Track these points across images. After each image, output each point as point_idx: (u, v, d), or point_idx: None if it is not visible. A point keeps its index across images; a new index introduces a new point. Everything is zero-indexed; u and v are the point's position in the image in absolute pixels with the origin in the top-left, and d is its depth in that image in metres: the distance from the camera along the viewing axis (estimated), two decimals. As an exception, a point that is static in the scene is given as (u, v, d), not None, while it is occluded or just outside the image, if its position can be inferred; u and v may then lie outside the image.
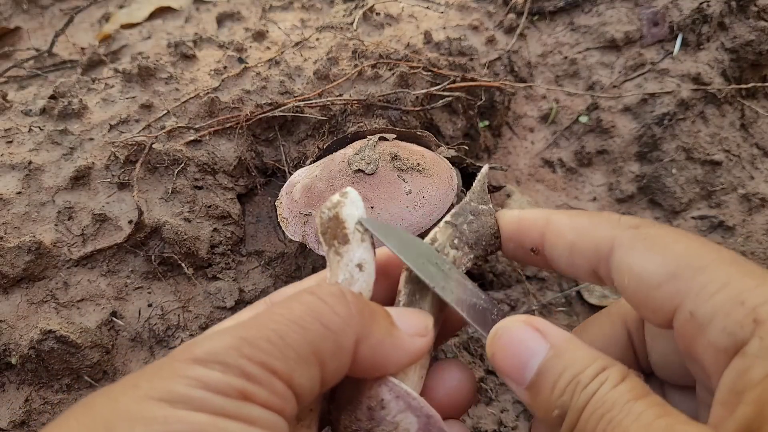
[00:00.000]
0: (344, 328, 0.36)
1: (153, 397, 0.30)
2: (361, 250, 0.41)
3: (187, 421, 0.29)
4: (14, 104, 1.23)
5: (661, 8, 1.45)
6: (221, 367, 0.31)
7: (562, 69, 1.50)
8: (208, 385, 0.31)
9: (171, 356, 0.33)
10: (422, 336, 0.41)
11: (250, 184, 1.16)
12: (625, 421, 0.33)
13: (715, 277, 0.33)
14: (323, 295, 0.37)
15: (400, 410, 0.38)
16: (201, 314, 0.99)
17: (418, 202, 0.80)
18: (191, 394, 0.30)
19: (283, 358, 0.33)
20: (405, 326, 0.40)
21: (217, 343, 0.33)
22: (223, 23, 1.55)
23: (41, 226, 1.00)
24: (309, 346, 0.34)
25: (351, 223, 0.41)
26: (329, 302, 0.36)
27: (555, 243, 0.44)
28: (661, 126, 1.34)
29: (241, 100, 1.17)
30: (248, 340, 0.33)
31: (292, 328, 0.34)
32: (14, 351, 0.89)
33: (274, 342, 0.33)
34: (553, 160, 1.42)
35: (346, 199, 0.41)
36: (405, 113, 1.16)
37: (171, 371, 0.32)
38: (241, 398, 0.31)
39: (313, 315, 0.35)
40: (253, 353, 0.32)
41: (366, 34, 1.41)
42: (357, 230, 0.41)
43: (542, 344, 0.38)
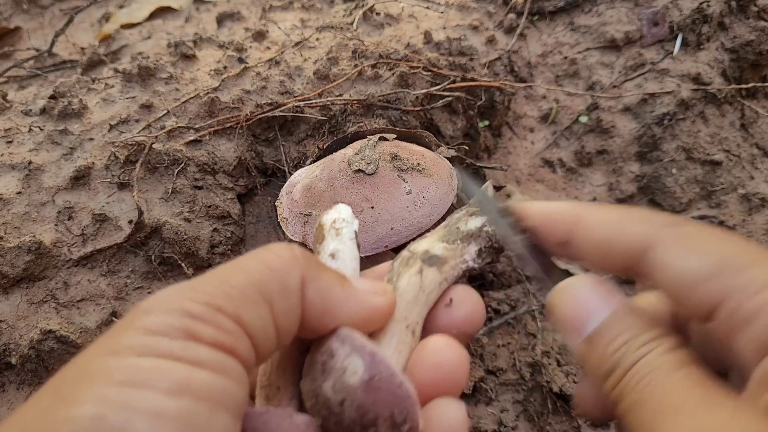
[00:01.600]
0: (288, 268, 0.37)
1: (100, 353, 0.30)
2: (334, 242, 0.44)
3: (131, 367, 0.29)
4: (14, 104, 1.23)
5: (661, 8, 1.45)
6: (165, 310, 0.32)
7: (562, 69, 1.50)
8: (151, 329, 0.31)
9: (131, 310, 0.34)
10: (380, 294, 0.41)
11: (250, 184, 1.16)
12: (667, 381, 0.35)
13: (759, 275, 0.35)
14: (273, 245, 0.38)
15: (346, 354, 0.38)
16: (201, 314, 0.99)
17: (418, 202, 0.80)
18: (135, 342, 0.30)
19: (227, 297, 0.33)
20: (359, 284, 0.41)
21: (163, 293, 0.33)
22: (223, 23, 1.55)
23: (41, 226, 1.00)
24: (253, 285, 0.35)
25: (328, 224, 0.45)
26: (274, 249, 0.38)
27: (586, 239, 0.44)
28: (661, 126, 1.34)
29: (241, 100, 1.17)
30: (192, 286, 0.34)
31: (236, 270, 0.35)
32: (14, 351, 0.89)
33: (218, 284, 0.34)
34: (553, 160, 1.42)
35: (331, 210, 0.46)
36: (405, 113, 1.16)
37: (120, 327, 0.32)
38: (186, 338, 0.31)
39: (258, 259, 0.36)
40: (196, 295, 0.33)
41: (366, 34, 1.41)
42: (332, 228, 0.45)
43: (606, 306, 0.40)
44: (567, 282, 0.43)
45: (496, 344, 1.08)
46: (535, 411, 1.01)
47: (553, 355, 1.06)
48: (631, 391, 0.36)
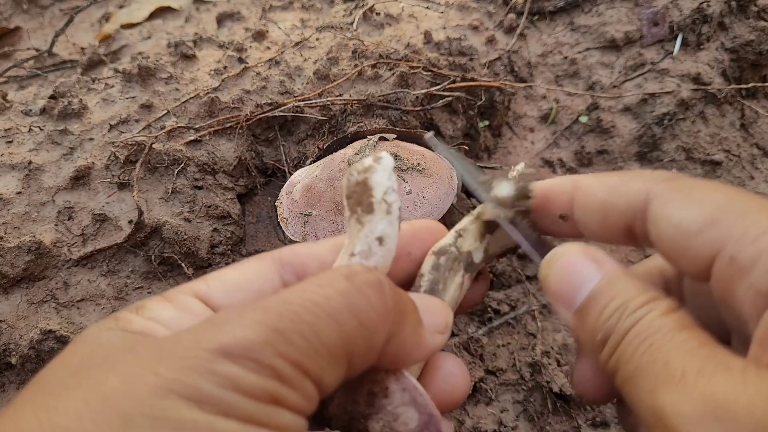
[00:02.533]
0: (378, 326, 0.33)
1: (177, 392, 0.27)
2: (384, 222, 0.38)
3: (216, 428, 0.26)
4: (14, 104, 1.23)
5: (661, 8, 1.45)
6: (254, 365, 0.28)
7: (562, 69, 1.50)
8: (240, 386, 0.28)
9: (193, 339, 0.29)
10: (442, 333, 0.40)
11: (250, 184, 1.16)
12: (666, 345, 0.32)
13: (757, 222, 0.33)
14: (361, 284, 0.33)
15: (404, 403, 0.36)
16: (201, 314, 0.99)
17: (418, 202, 0.80)
18: (221, 397, 0.27)
19: (316, 358, 0.30)
20: (428, 321, 0.38)
21: (248, 334, 0.29)
22: (223, 23, 1.55)
23: (41, 226, 1.00)
24: (342, 344, 0.31)
25: (379, 192, 0.37)
26: (367, 294, 0.33)
27: (585, 204, 0.43)
28: (661, 126, 1.34)
29: (241, 100, 1.17)
30: (282, 334, 0.29)
31: (328, 323, 0.31)
32: (14, 351, 0.89)
33: (309, 339, 0.30)
34: (553, 160, 1.42)
35: (379, 165, 0.37)
36: (405, 113, 1.16)
37: (196, 362, 0.28)
38: (272, 402, 0.29)
39: (350, 309, 0.32)
40: (288, 351, 0.29)
41: (366, 34, 1.41)
42: (384, 201, 0.37)
43: (596, 272, 0.38)
44: (555, 251, 0.41)
45: (496, 344, 1.08)
46: (535, 411, 1.01)
47: (553, 355, 1.06)
48: (629, 359, 0.33)
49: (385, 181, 0.38)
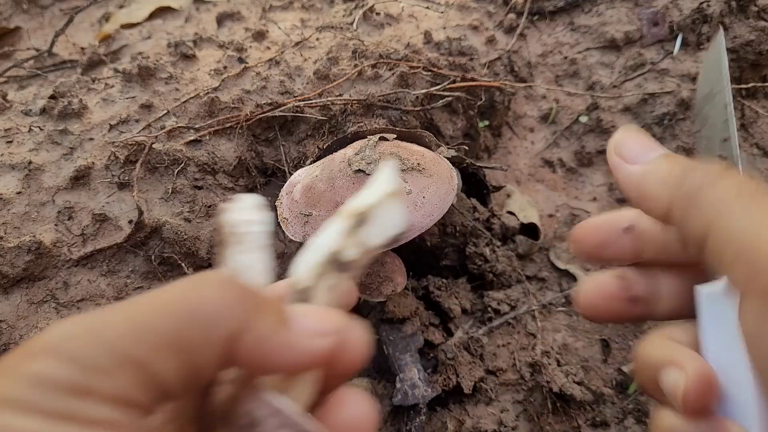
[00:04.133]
0: (215, 316, 0.32)
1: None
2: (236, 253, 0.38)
3: (14, 426, 0.26)
4: (14, 104, 1.23)
5: (661, 8, 1.45)
6: (61, 357, 0.28)
7: (562, 69, 1.50)
8: (43, 380, 0.27)
9: (24, 346, 0.29)
10: (323, 336, 0.36)
11: (250, 184, 1.16)
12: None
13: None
14: (203, 281, 0.33)
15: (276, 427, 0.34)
16: (201, 314, 0.99)
17: (418, 202, 0.80)
18: (22, 394, 0.26)
19: (138, 343, 0.29)
20: (304, 324, 0.36)
21: (62, 330, 0.29)
22: (223, 23, 1.55)
23: (41, 226, 1.00)
24: (171, 334, 0.30)
25: (229, 227, 0.38)
26: (205, 288, 0.32)
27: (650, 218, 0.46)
28: (661, 126, 1.34)
29: (241, 100, 1.17)
30: (99, 324, 0.29)
31: (153, 311, 0.30)
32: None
33: (129, 326, 0.29)
34: (553, 160, 1.42)
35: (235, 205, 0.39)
36: (405, 113, 1.16)
37: (12, 367, 0.28)
38: (81, 394, 0.27)
39: (182, 299, 0.31)
40: (101, 339, 0.28)
41: (366, 34, 1.41)
42: (234, 233, 0.38)
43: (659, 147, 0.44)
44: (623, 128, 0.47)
45: (496, 344, 1.08)
46: (535, 411, 1.01)
47: (553, 355, 1.06)
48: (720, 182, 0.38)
49: (238, 216, 0.38)
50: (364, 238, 0.39)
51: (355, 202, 0.40)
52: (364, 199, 0.40)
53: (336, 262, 0.39)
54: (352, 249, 0.39)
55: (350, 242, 0.39)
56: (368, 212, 0.39)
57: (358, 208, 0.39)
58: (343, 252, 0.39)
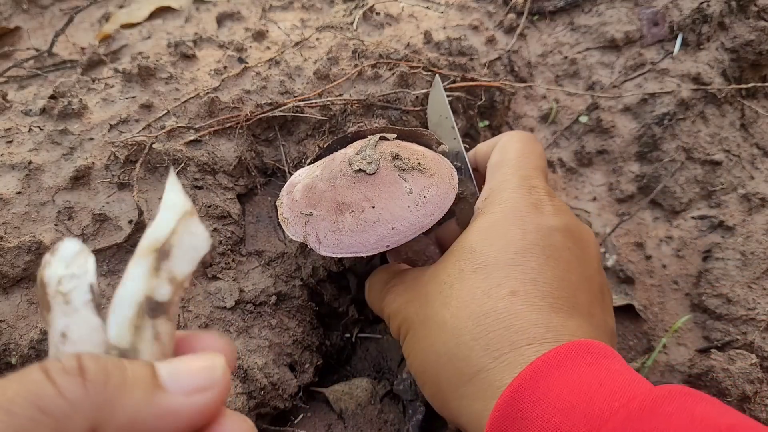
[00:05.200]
0: (70, 413, 0.29)
1: None
2: (63, 317, 0.33)
3: None
4: (14, 104, 1.23)
5: (661, 8, 1.45)
6: None
7: (562, 69, 1.50)
8: None
9: None
10: (204, 391, 0.33)
11: (250, 184, 1.16)
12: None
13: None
14: (54, 371, 0.30)
15: None
16: (201, 314, 0.99)
17: (419, 201, 0.80)
18: None
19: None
20: (177, 382, 0.33)
21: None
22: (223, 23, 1.55)
23: (41, 226, 1.00)
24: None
25: (53, 286, 0.34)
26: (58, 381, 0.29)
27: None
28: (661, 126, 1.34)
29: (241, 100, 1.17)
30: None
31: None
32: (14, 351, 0.89)
33: None
34: (553, 160, 1.42)
35: (54, 257, 0.34)
36: (405, 113, 1.16)
37: None
38: None
39: (29, 398, 0.28)
40: None
41: (366, 34, 1.41)
42: (58, 292, 0.33)
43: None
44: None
45: (496, 344, 1.08)
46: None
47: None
48: None
49: (59, 271, 0.34)
50: (171, 270, 0.35)
51: (150, 234, 0.36)
52: (158, 229, 0.36)
53: (150, 308, 0.34)
54: (163, 287, 0.35)
55: (158, 281, 0.35)
56: (168, 242, 0.35)
57: (157, 242, 0.35)
58: (154, 294, 0.35)
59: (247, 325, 1.01)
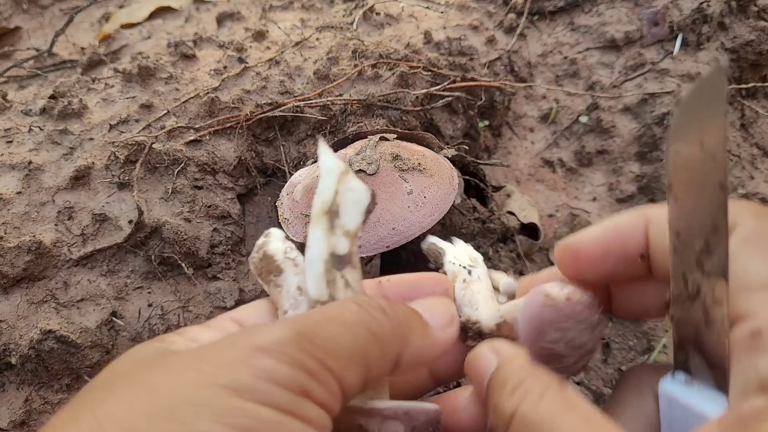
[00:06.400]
0: (389, 338, 0.37)
1: (219, 383, 0.29)
2: (296, 276, 0.42)
3: (253, 415, 0.29)
4: (14, 104, 1.23)
5: (661, 8, 1.45)
6: (286, 359, 0.31)
7: (562, 69, 1.50)
8: (274, 377, 0.30)
9: (231, 341, 0.33)
10: (450, 326, 0.43)
11: (250, 184, 1.16)
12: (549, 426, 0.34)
13: None
14: (367, 307, 0.37)
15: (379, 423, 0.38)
16: (201, 314, 0.99)
17: (419, 202, 0.80)
18: (258, 386, 0.30)
19: (338, 358, 0.33)
20: (434, 321, 0.42)
21: (280, 333, 0.32)
22: (223, 23, 1.55)
23: (41, 226, 1.00)
24: (359, 349, 0.35)
25: (280, 255, 0.42)
26: (374, 314, 0.37)
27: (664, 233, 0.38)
28: (661, 126, 1.34)
29: (241, 100, 1.17)
30: (307, 335, 0.33)
31: (344, 331, 0.35)
32: (14, 351, 0.89)
33: (330, 341, 0.33)
34: (553, 160, 1.42)
35: (270, 238, 0.44)
36: (405, 113, 1.16)
37: (235, 358, 0.31)
38: (302, 394, 0.31)
39: (363, 324, 0.36)
40: (313, 349, 0.32)
41: (366, 34, 1.41)
42: (287, 259, 0.42)
43: (494, 360, 0.41)
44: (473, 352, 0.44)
45: (496, 344, 1.08)
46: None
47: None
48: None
49: (280, 245, 0.43)
50: (344, 226, 0.41)
51: (318, 199, 0.41)
52: (324, 194, 0.41)
53: (335, 262, 0.40)
54: (341, 242, 0.41)
55: (336, 238, 0.40)
56: (334, 202, 0.41)
57: (325, 204, 0.41)
58: (335, 250, 0.40)
59: (247, 325, 1.01)
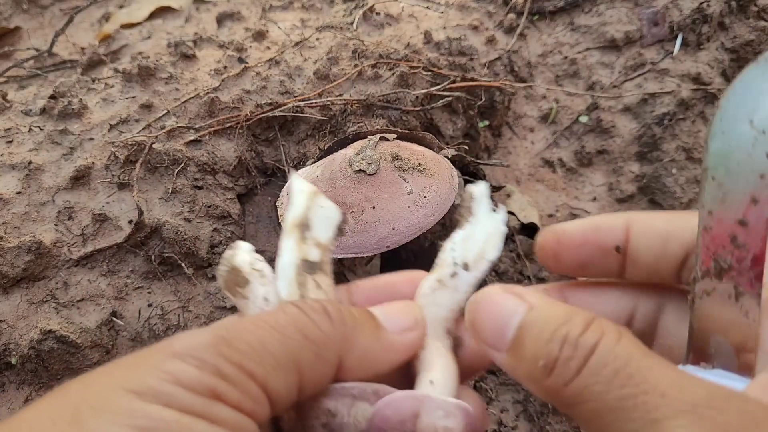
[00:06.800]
0: (326, 341, 0.36)
1: (124, 387, 0.30)
2: (263, 287, 0.43)
3: (153, 416, 0.29)
4: (14, 104, 1.23)
5: (661, 8, 1.45)
6: (196, 362, 0.31)
7: (562, 69, 1.50)
8: (180, 380, 0.31)
9: (153, 348, 0.33)
10: (411, 330, 0.41)
11: (250, 184, 1.16)
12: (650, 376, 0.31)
13: None
14: (306, 309, 0.37)
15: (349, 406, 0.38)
16: (201, 314, 0.99)
17: (419, 202, 0.80)
18: (162, 389, 0.30)
19: (261, 362, 0.33)
20: (392, 324, 0.40)
21: (196, 339, 0.33)
22: (223, 23, 1.55)
23: (41, 226, 1.00)
24: (288, 354, 0.34)
25: (247, 267, 0.43)
26: (312, 317, 0.36)
27: (645, 232, 0.42)
28: (661, 126, 1.34)
29: (241, 100, 1.17)
30: (227, 340, 0.33)
31: (273, 334, 0.34)
32: (14, 351, 0.89)
33: (253, 345, 0.33)
34: (553, 160, 1.42)
35: (236, 250, 0.44)
36: (405, 113, 1.16)
37: (148, 363, 0.32)
38: (211, 397, 0.31)
39: (296, 326, 0.35)
40: (231, 353, 0.32)
41: (366, 34, 1.41)
42: (254, 270, 0.43)
43: (521, 304, 0.37)
44: (480, 292, 0.40)
45: (496, 344, 1.08)
46: (535, 411, 1.01)
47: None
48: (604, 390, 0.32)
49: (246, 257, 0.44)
50: (315, 237, 0.44)
51: (290, 215, 0.45)
52: (296, 209, 0.45)
53: (307, 267, 0.43)
54: (312, 250, 0.43)
55: (307, 247, 0.43)
56: (305, 216, 0.44)
57: (296, 219, 0.44)
58: (307, 256, 0.43)
59: (247, 325, 1.01)
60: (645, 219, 0.43)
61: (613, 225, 0.43)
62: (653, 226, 0.42)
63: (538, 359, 0.34)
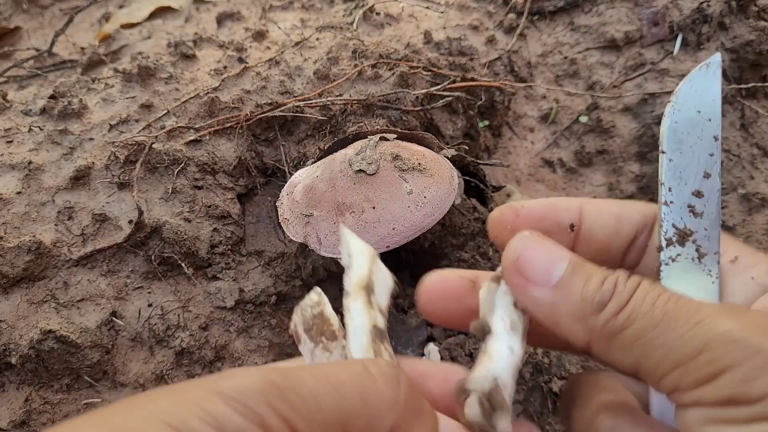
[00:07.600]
0: (383, 410, 0.33)
1: (165, 421, 0.29)
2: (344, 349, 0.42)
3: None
4: (14, 104, 1.23)
5: (661, 8, 1.45)
6: (242, 409, 0.30)
7: (562, 69, 1.50)
8: (222, 426, 0.29)
9: (202, 381, 0.32)
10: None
11: (250, 184, 1.16)
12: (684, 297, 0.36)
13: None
14: (375, 372, 0.35)
15: None
16: (201, 314, 0.99)
17: (419, 202, 0.80)
18: (200, 430, 0.29)
19: (308, 420, 0.31)
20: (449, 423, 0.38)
21: (246, 381, 0.31)
22: (223, 23, 1.55)
23: (41, 226, 1.00)
24: (339, 415, 0.32)
25: (336, 322, 0.42)
26: (378, 381, 0.34)
27: (599, 212, 0.46)
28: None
29: (241, 100, 1.17)
30: (279, 388, 0.31)
31: (329, 391, 0.32)
32: (14, 351, 0.89)
33: (305, 399, 0.31)
34: (553, 160, 1.42)
35: (324, 299, 0.43)
36: (405, 113, 1.16)
37: (193, 399, 0.30)
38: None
39: (357, 387, 0.33)
40: (279, 404, 0.30)
41: (366, 34, 1.41)
42: (342, 328, 0.42)
43: (564, 252, 0.41)
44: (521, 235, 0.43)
45: (496, 344, 1.08)
46: (535, 411, 1.01)
47: (553, 354, 1.06)
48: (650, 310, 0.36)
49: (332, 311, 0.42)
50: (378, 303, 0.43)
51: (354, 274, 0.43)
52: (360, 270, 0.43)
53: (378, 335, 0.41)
54: (379, 317, 0.42)
55: (375, 312, 0.42)
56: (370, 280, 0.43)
57: (362, 280, 0.43)
58: (377, 323, 0.41)
59: (247, 325, 1.01)
60: (598, 203, 0.47)
61: (570, 205, 0.47)
62: (607, 208, 0.46)
63: (588, 297, 0.38)
